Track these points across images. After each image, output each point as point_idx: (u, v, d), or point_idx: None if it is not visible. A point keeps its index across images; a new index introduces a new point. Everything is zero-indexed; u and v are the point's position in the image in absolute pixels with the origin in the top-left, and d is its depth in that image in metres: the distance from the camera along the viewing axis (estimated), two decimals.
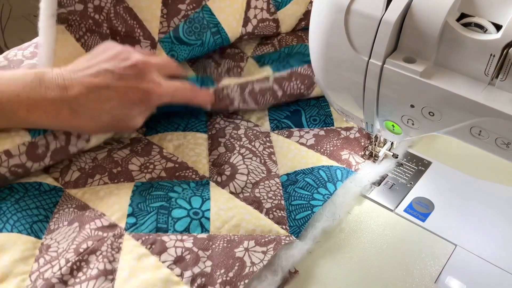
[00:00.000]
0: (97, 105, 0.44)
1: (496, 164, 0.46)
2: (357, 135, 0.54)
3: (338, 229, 0.45)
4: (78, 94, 0.43)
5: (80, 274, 0.38)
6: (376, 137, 0.49)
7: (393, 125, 0.40)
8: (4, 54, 0.63)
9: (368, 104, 0.39)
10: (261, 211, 0.45)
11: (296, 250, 0.41)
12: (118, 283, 0.38)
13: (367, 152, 0.51)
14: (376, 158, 0.51)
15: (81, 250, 0.39)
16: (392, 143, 0.51)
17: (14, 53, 0.63)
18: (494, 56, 0.32)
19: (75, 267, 0.38)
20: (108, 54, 0.46)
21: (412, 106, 0.36)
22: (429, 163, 0.51)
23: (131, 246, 0.41)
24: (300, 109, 0.57)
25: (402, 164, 0.51)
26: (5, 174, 0.44)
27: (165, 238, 0.41)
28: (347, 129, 0.55)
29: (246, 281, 0.38)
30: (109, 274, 0.38)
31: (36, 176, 0.47)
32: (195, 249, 0.40)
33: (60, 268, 0.38)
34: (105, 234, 0.41)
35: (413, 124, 0.38)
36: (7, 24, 1.39)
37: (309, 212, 0.45)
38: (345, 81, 0.39)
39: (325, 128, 0.55)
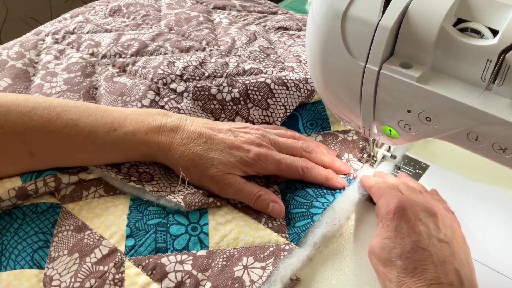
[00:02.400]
0: (203, 144, 0.46)
1: (493, 167, 0.46)
2: (355, 137, 0.54)
3: (338, 234, 0.45)
4: (193, 130, 0.46)
5: None
6: (373, 139, 0.49)
7: (390, 130, 0.40)
8: None
9: (365, 109, 0.39)
10: (260, 221, 0.45)
11: (296, 257, 0.41)
12: None
13: (365, 155, 0.51)
14: (374, 160, 0.51)
15: None
16: (389, 146, 0.51)
17: None
18: (490, 61, 0.32)
19: None
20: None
21: (409, 111, 0.36)
22: (427, 166, 0.51)
23: (132, 276, 0.40)
24: (297, 114, 0.57)
25: (399, 167, 0.51)
26: None
27: (164, 260, 0.41)
28: (345, 132, 0.55)
29: None
30: None
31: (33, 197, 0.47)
32: (195, 272, 0.40)
33: None
34: (105, 268, 0.40)
35: (410, 129, 0.38)
36: (4, 26, 1.39)
37: (309, 220, 0.44)
38: (342, 86, 0.39)
39: (322, 133, 0.55)
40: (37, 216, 0.45)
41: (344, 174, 0.50)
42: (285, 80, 0.56)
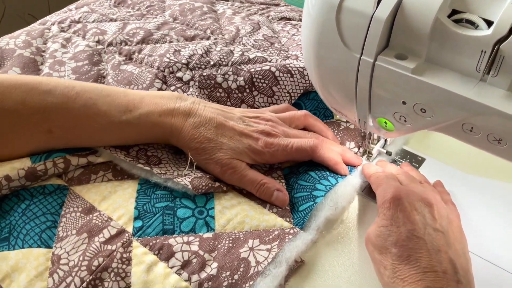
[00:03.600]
0: (214, 128, 0.47)
1: (490, 160, 0.46)
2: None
3: (341, 219, 0.46)
4: (205, 115, 0.47)
5: None
6: (369, 134, 0.49)
7: (385, 122, 0.40)
8: None
9: (360, 101, 0.39)
10: (264, 206, 0.45)
11: (300, 240, 0.42)
12: None
13: (361, 150, 0.51)
14: (370, 155, 0.51)
15: (93, 268, 0.40)
16: (385, 140, 0.51)
17: (5, 41, 0.64)
18: (485, 52, 0.32)
19: (90, 286, 0.39)
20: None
21: (404, 103, 0.36)
22: (423, 160, 0.51)
23: (140, 255, 0.41)
24: (301, 103, 0.57)
25: (396, 161, 0.51)
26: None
27: (171, 241, 0.41)
28: (347, 120, 0.55)
29: (251, 282, 0.39)
30: None
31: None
32: (201, 252, 0.41)
33: None
34: (113, 247, 0.41)
35: (405, 121, 0.38)
36: (1, 23, 1.39)
37: (312, 203, 0.45)
38: (337, 79, 0.39)
39: (325, 121, 0.56)
40: (45, 197, 0.45)
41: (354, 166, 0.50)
42: (290, 68, 0.56)
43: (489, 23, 0.32)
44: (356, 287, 0.40)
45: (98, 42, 0.64)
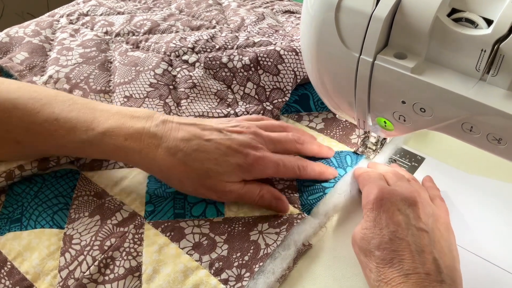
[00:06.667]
0: (194, 152, 0.42)
1: (489, 159, 0.46)
2: None
3: (350, 203, 0.46)
4: (181, 137, 0.42)
5: (108, 271, 0.40)
6: (369, 131, 0.49)
7: (385, 122, 0.40)
8: (6, 31, 0.65)
9: (359, 101, 0.39)
10: None
11: (308, 224, 0.43)
12: (145, 277, 0.40)
13: (359, 149, 0.51)
14: (369, 153, 0.51)
15: (105, 247, 0.41)
16: (384, 139, 0.51)
17: (15, 30, 0.65)
18: (485, 51, 0.32)
19: (102, 265, 0.40)
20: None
21: (403, 102, 0.36)
22: (422, 159, 0.51)
23: (151, 236, 0.42)
24: (308, 93, 0.57)
25: (395, 160, 0.51)
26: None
27: (183, 224, 0.43)
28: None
29: (261, 263, 0.40)
30: (135, 271, 0.40)
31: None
32: (212, 235, 0.42)
33: (89, 267, 0.40)
34: (126, 229, 0.43)
35: (404, 120, 0.38)
36: (0, 22, 1.39)
37: (321, 193, 0.46)
38: (336, 78, 0.39)
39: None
40: (56, 180, 0.47)
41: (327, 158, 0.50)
42: (294, 47, 0.57)
43: (489, 22, 0.32)
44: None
45: (106, 33, 0.66)
